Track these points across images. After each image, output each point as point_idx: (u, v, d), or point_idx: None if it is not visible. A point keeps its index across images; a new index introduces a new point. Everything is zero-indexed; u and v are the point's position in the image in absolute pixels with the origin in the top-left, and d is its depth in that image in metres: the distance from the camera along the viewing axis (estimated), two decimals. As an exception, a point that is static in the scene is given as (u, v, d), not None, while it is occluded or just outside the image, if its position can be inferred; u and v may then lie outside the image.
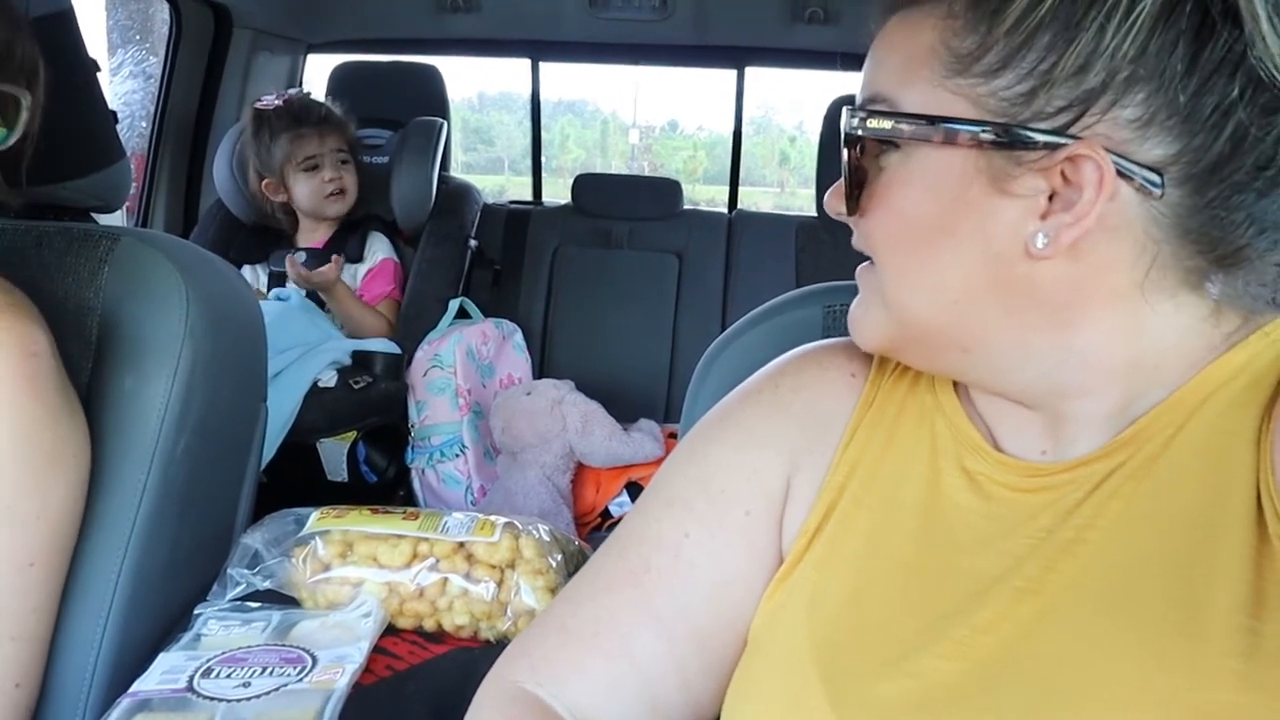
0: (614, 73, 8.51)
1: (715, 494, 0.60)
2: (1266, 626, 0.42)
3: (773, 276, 2.34)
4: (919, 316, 0.52)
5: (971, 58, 0.47)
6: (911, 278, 0.52)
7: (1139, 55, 0.43)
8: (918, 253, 0.51)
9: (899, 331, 0.54)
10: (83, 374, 0.87)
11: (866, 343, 0.58)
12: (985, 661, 0.47)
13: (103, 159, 1.02)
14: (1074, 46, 0.44)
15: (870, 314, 0.56)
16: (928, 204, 0.50)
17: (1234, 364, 0.49)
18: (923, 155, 0.49)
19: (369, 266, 2.10)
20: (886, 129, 0.50)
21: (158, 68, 2.30)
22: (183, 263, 0.91)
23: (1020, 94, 0.46)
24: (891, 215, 0.52)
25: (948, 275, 0.50)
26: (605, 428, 1.90)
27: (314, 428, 1.75)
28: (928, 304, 0.52)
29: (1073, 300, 0.49)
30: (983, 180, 0.48)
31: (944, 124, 0.48)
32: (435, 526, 0.94)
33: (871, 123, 0.50)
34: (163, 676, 0.79)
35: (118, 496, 0.85)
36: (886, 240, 0.53)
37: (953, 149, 0.48)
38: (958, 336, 0.52)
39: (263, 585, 0.93)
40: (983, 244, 0.49)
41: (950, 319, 0.51)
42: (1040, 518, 0.51)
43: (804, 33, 2.37)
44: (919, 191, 0.50)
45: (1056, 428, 0.53)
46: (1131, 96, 0.44)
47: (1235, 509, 0.45)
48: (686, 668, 0.58)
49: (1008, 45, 0.46)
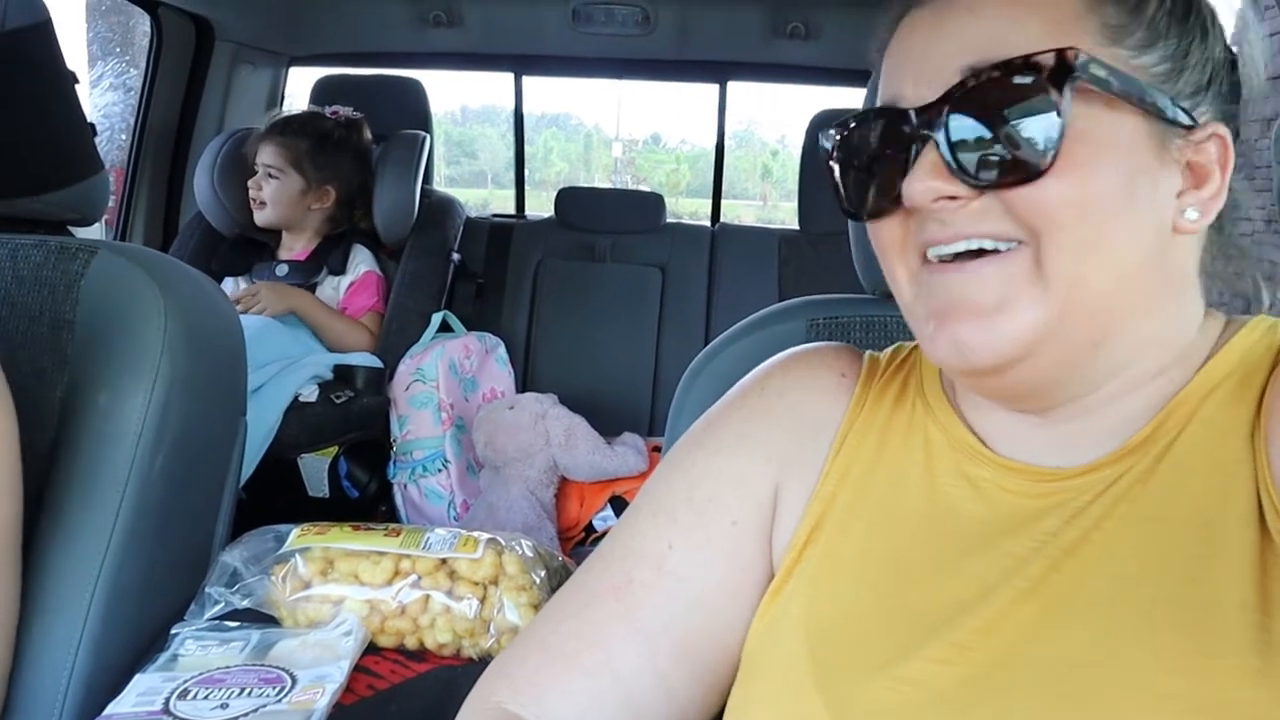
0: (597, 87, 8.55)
1: (701, 502, 0.59)
2: (1276, 622, 0.42)
3: (756, 290, 2.35)
4: (1096, 290, 0.48)
5: (1125, 30, 0.48)
6: (1095, 246, 0.47)
7: (1222, 57, 0.51)
8: (1104, 220, 0.47)
9: (1056, 321, 0.48)
10: (57, 389, 0.86)
11: (997, 352, 0.49)
12: (987, 664, 0.47)
13: (81, 171, 1.01)
14: (1195, 39, 0.50)
15: (1013, 313, 0.48)
16: (1114, 169, 0.48)
17: (1228, 362, 0.50)
18: (1099, 117, 0.47)
19: (351, 279, 2.09)
20: (1101, 78, 0.46)
21: (138, 80, 2.29)
22: (161, 277, 0.90)
23: (1164, 72, 0.49)
24: (1078, 180, 0.47)
25: (1128, 245, 0.48)
26: (589, 441, 1.89)
27: (295, 443, 1.74)
28: (1109, 275, 0.48)
29: (1182, 282, 0.52)
30: (1154, 147, 0.49)
31: (1136, 87, 0.48)
32: (417, 543, 0.93)
33: (1093, 68, 0.46)
34: (138, 699, 0.77)
35: (93, 514, 0.84)
36: (1068, 208, 0.47)
37: (1131, 114, 0.48)
38: (1110, 322, 0.49)
39: (241, 604, 0.92)
40: (1153, 213, 0.49)
41: (1121, 296, 0.49)
42: (1045, 520, 0.50)
43: (785, 48, 2.39)
44: (1107, 155, 0.48)
45: (1069, 435, 0.53)
46: (1218, 88, 0.51)
47: (1237, 507, 0.45)
48: (670, 681, 0.57)
49: (1154, 25, 0.49)
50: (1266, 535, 0.44)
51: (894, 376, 0.61)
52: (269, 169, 2.04)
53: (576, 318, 2.44)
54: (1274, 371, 0.48)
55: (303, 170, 2.06)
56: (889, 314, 0.82)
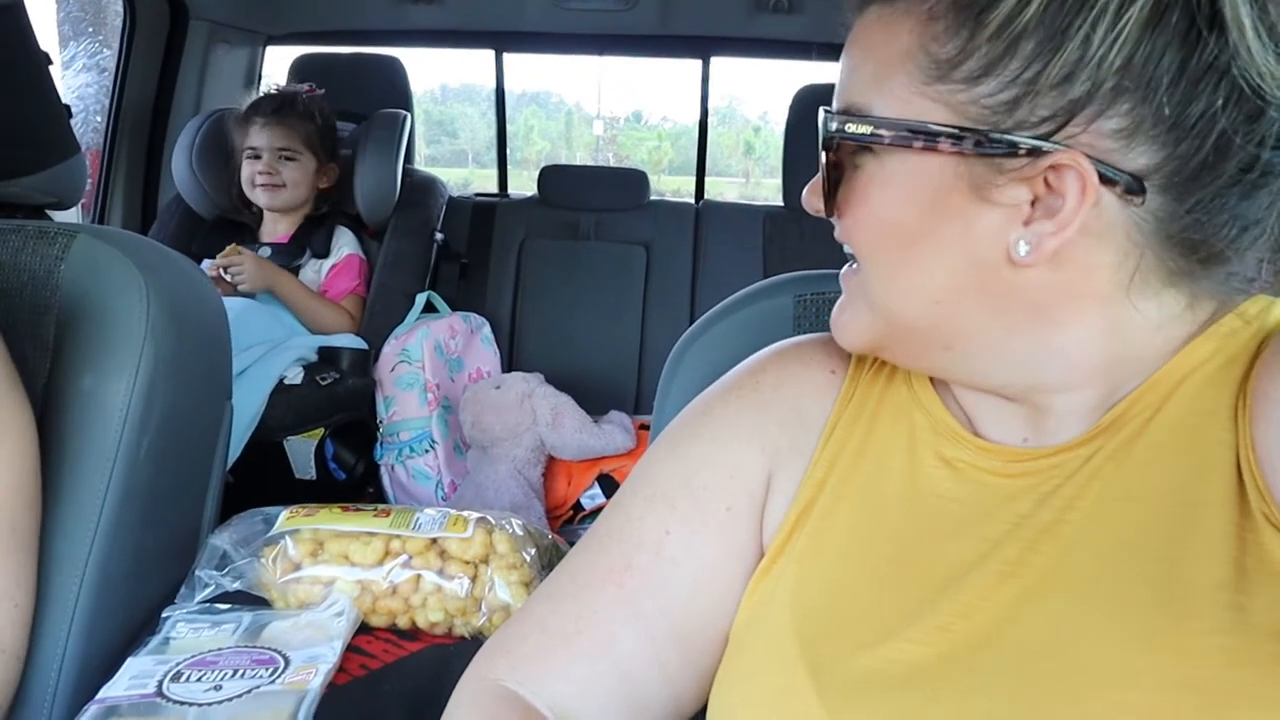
0: (577, 64, 8.49)
1: (697, 490, 0.60)
2: (1253, 601, 0.42)
3: (741, 266, 2.35)
4: (903, 316, 0.53)
5: (952, 63, 0.46)
6: (895, 279, 0.52)
7: (1125, 65, 0.42)
8: (900, 255, 0.51)
9: (884, 331, 0.54)
10: (40, 375, 0.85)
11: (851, 343, 0.57)
12: (965, 645, 0.48)
13: (56, 154, 0.99)
14: (1059, 55, 0.43)
15: (855, 315, 0.56)
16: (907, 209, 0.49)
17: (1207, 346, 0.49)
18: (900, 160, 0.49)
19: (334, 262, 2.08)
20: (865, 134, 0.49)
21: (112, 60, 2.25)
22: (142, 259, 0.89)
23: (1003, 102, 0.45)
24: (871, 218, 0.51)
25: (931, 277, 0.50)
26: (575, 420, 1.90)
27: (280, 425, 1.73)
28: (912, 304, 0.52)
29: (1056, 302, 0.49)
30: (963, 187, 0.47)
31: (923, 132, 0.47)
32: (407, 523, 0.94)
33: (850, 127, 0.49)
34: (131, 682, 0.77)
35: (79, 499, 0.84)
36: (868, 242, 0.53)
37: (932, 155, 0.47)
38: (942, 336, 0.52)
39: (232, 586, 0.92)
40: (965, 249, 0.49)
41: (934, 319, 0.52)
42: (1019, 502, 0.51)
43: (768, 22, 2.37)
44: (898, 196, 0.50)
45: (1038, 417, 0.53)
46: (1117, 106, 0.43)
47: (1214, 487, 0.46)
48: (668, 664, 0.58)
49: (991, 52, 0.45)
50: (1247, 514, 0.44)
51: (883, 364, 0.61)
52: (284, 151, 2.03)
53: (561, 296, 2.44)
54: (1259, 355, 0.48)
55: (315, 150, 2.07)
56: (875, 288, 0.82)
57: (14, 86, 0.90)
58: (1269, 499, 0.44)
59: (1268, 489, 0.44)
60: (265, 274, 1.94)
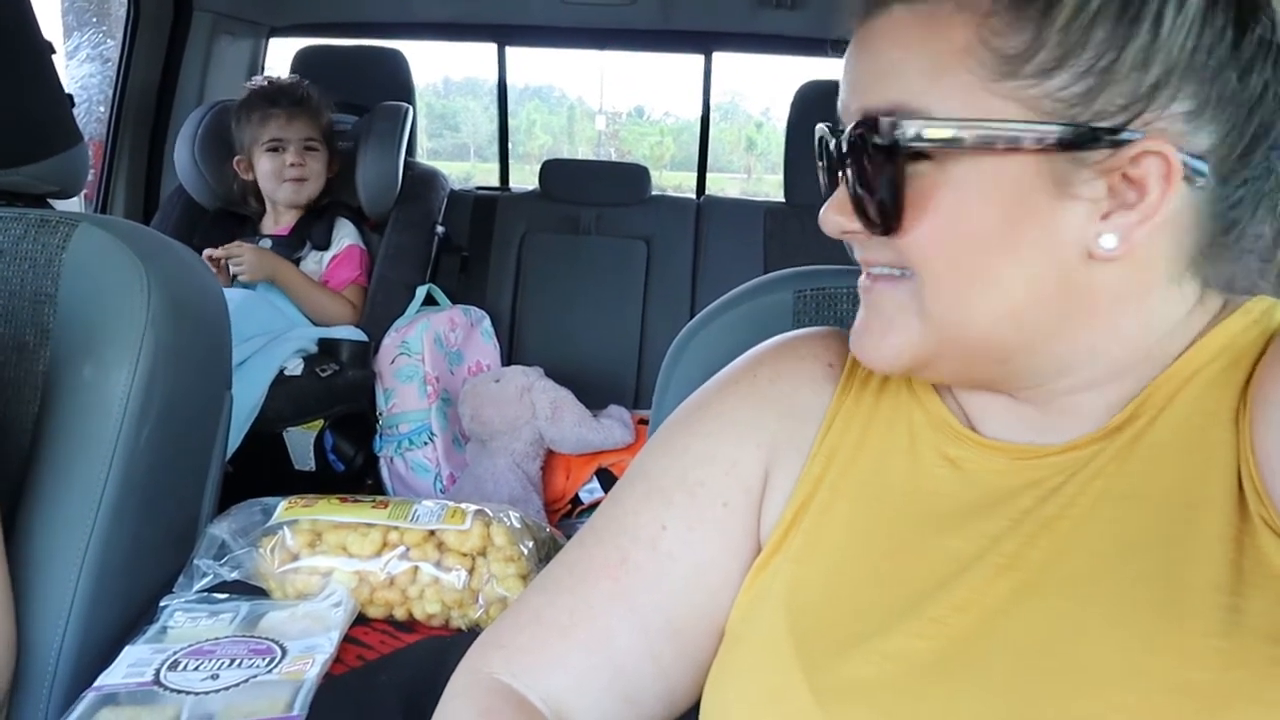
0: (579, 58, 8.47)
1: (693, 485, 0.60)
2: (1249, 604, 0.42)
3: (741, 262, 2.35)
4: (968, 334, 0.50)
5: (1021, 58, 0.45)
6: (968, 294, 0.49)
7: (1194, 46, 0.43)
8: (976, 267, 0.48)
9: (934, 350, 0.51)
10: (40, 364, 0.86)
11: (890, 365, 0.53)
12: (962, 639, 0.48)
13: (59, 144, 1.00)
14: (1133, 41, 0.43)
15: (901, 334, 0.52)
16: (988, 215, 0.47)
17: (1215, 344, 0.50)
18: (973, 163, 0.47)
19: (335, 253, 2.08)
20: (943, 139, 0.46)
21: (115, 51, 2.25)
22: (143, 249, 0.90)
23: (1078, 94, 0.45)
24: (945, 230, 0.48)
25: (1012, 288, 0.48)
26: (575, 414, 1.90)
27: (280, 416, 1.73)
28: (984, 319, 0.49)
29: (1119, 297, 0.49)
30: (1046, 186, 0.46)
31: (1006, 132, 0.45)
32: (405, 515, 0.94)
33: (927, 132, 0.46)
34: (128, 670, 0.78)
35: (79, 488, 0.84)
36: (938, 254, 0.48)
37: (1013, 156, 0.46)
38: (1003, 350, 0.50)
39: (230, 576, 0.92)
40: (1047, 251, 0.47)
41: (1003, 334, 0.49)
42: (1021, 498, 0.51)
43: (771, 18, 2.37)
44: (976, 202, 0.47)
45: (1048, 416, 0.53)
46: (1185, 88, 0.44)
47: (1215, 489, 0.46)
48: (663, 659, 0.58)
49: (1063, 43, 0.44)
50: (1245, 518, 0.44)
51: None
52: (309, 142, 2.03)
53: (561, 290, 2.44)
54: (1263, 357, 0.48)
55: (329, 141, 2.09)
56: (874, 285, 0.82)
57: (18, 76, 0.90)
58: (1267, 502, 0.44)
59: (1266, 492, 0.44)
60: (265, 264, 1.93)
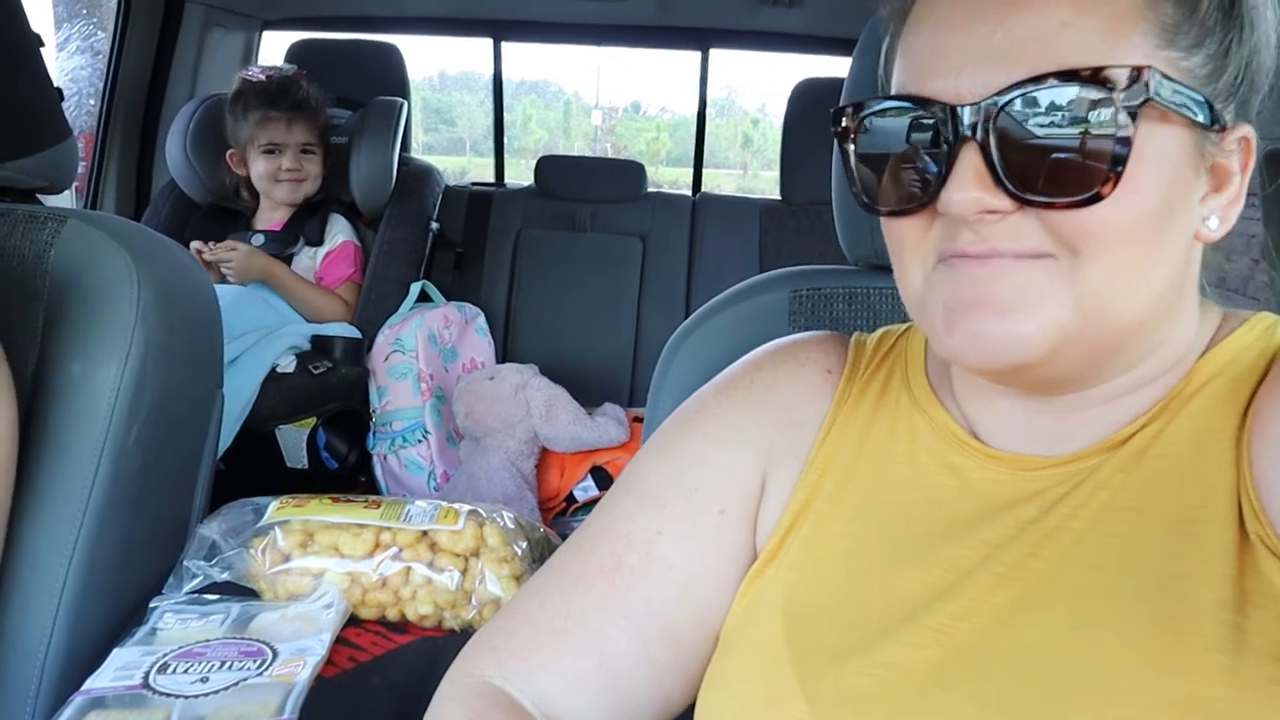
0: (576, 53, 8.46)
1: (689, 491, 0.59)
2: (1250, 622, 0.42)
3: (737, 260, 2.34)
4: (1118, 319, 0.46)
5: (1177, 29, 0.45)
6: (1137, 273, 0.45)
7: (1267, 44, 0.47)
8: (1146, 242, 0.45)
9: (1077, 336, 0.46)
10: (29, 361, 0.85)
11: (1024, 349, 0.46)
12: (961, 649, 0.47)
13: (48, 138, 0.98)
14: (1245, 34, 0.46)
15: (1049, 320, 0.45)
16: (1161, 188, 0.45)
17: (1221, 359, 0.49)
18: (1149, 132, 0.44)
19: (328, 249, 2.06)
20: (1167, 96, 0.43)
21: (106, 43, 2.23)
22: (133, 245, 0.89)
23: (1207, 74, 0.45)
24: (1134, 204, 0.44)
25: (1164, 269, 0.46)
26: (569, 412, 1.89)
27: (272, 414, 1.72)
28: (1140, 302, 0.46)
29: (1191, 285, 0.50)
30: (1193, 160, 0.46)
31: (1192, 96, 0.44)
32: (398, 515, 0.93)
33: (1164, 91, 0.43)
34: (117, 673, 0.77)
35: (66, 487, 0.83)
36: (1116, 232, 0.44)
37: (1184, 127, 0.45)
38: (1127, 338, 0.48)
39: (221, 577, 0.91)
40: (1185, 227, 0.47)
41: (1143, 318, 0.47)
42: (1024, 508, 0.50)
43: (768, 14, 2.36)
44: (1157, 173, 0.45)
45: (1061, 427, 0.52)
46: (1263, 80, 0.47)
47: (1217, 506, 0.45)
48: (657, 664, 0.57)
49: (1206, 21, 0.45)
50: (1245, 537, 0.44)
51: (880, 366, 0.61)
52: (306, 146, 2.03)
53: (557, 287, 2.43)
54: (1265, 377, 0.48)
55: (325, 141, 2.09)
56: (872, 285, 0.82)
57: (6, 69, 0.89)
58: (1264, 521, 0.44)
59: (1263, 510, 0.44)
60: (256, 267, 1.92)
